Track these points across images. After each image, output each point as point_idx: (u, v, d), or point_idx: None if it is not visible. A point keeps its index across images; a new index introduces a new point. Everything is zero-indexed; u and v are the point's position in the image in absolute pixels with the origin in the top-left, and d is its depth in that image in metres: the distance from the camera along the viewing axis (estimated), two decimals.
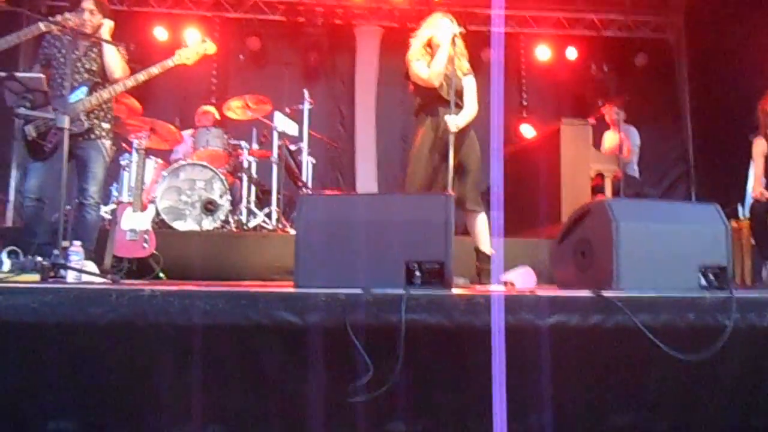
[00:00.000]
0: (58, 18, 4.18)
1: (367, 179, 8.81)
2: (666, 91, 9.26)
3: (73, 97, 4.25)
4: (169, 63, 4.54)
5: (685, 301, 2.57)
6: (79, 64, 4.37)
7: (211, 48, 4.70)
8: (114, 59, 4.45)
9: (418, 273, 2.65)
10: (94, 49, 4.46)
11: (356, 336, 2.26)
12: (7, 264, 3.68)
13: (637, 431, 2.63)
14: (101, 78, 4.47)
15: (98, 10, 4.42)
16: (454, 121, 4.20)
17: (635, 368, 2.59)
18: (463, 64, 4.41)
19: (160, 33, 8.52)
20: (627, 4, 9.18)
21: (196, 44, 4.67)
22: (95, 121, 4.42)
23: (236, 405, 2.41)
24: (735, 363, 2.61)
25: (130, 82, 4.45)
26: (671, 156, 9.20)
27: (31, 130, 4.26)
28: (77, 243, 3.59)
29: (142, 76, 4.46)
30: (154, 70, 4.49)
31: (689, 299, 2.59)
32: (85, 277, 3.40)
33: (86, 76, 4.38)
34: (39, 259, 3.53)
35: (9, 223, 7.66)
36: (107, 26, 4.44)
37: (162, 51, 4.63)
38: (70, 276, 3.33)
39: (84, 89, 4.31)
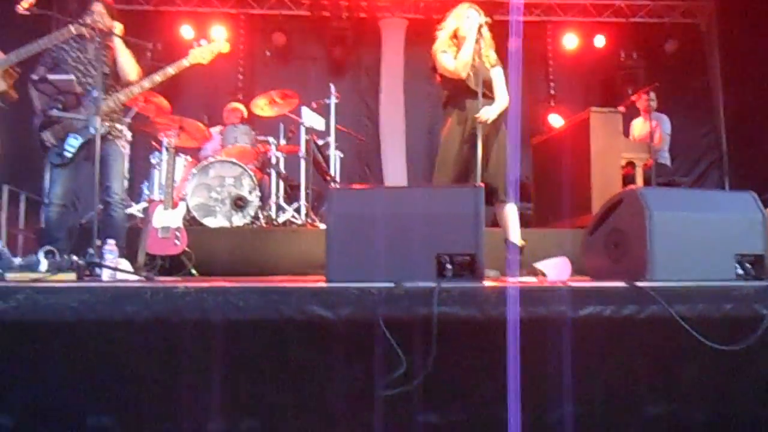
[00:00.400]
0: (87, 20, 4.22)
1: (395, 172, 8.80)
2: (697, 78, 9.11)
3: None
4: (184, 63, 4.56)
5: (722, 291, 2.54)
6: (90, 67, 4.40)
7: (225, 47, 4.72)
8: (128, 61, 4.48)
9: (449, 266, 2.64)
10: (104, 52, 4.47)
11: (389, 330, 2.27)
12: (44, 264, 3.75)
13: (672, 422, 2.60)
14: (114, 80, 4.50)
15: (107, 13, 4.45)
16: (487, 113, 4.18)
17: (670, 359, 2.57)
18: (491, 54, 4.38)
19: (186, 31, 8.59)
20: None
21: (210, 43, 4.68)
22: (111, 122, 4.46)
23: (270, 399, 2.43)
24: None
25: (147, 84, 4.48)
26: (703, 144, 9.06)
27: (49, 137, 4.31)
28: (111, 242, 3.64)
29: (158, 77, 4.49)
30: (170, 70, 4.52)
31: (726, 289, 2.55)
32: (120, 275, 3.45)
33: (99, 80, 4.36)
34: (75, 258, 3.59)
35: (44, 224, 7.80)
36: (118, 29, 4.47)
37: (188, 49, 4.65)
38: (105, 274, 3.38)
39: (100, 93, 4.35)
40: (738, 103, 8.60)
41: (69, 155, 4.28)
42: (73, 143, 4.28)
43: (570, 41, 9.18)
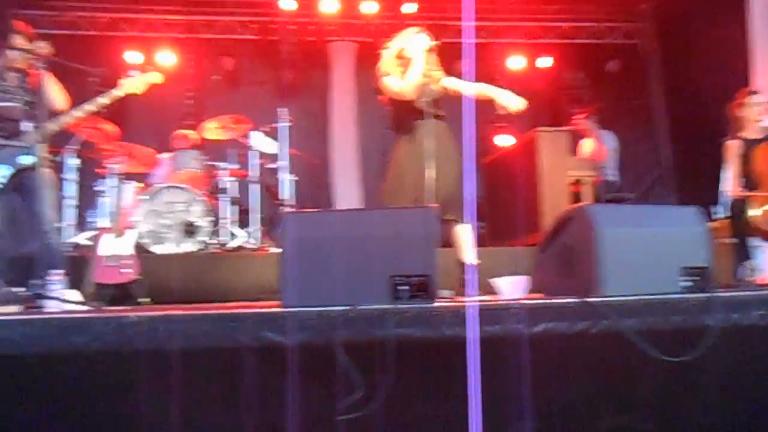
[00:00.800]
0: (34, 47, 4.14)
1: (349, 195, 8.80)
2: (640, 96, 9.37)
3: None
4: (116, 93, 4.45)
5: (669, 304, 2.60)
6: (17, 97, 4.27)
7: (157, 77, 4.63)
8: (54, 90, 4.37)
9: (403, 287, 2.65)
10: (26, 80, 4.35)
11: (346, 353, 2.26)
12: None
13: None
14: (41, 109, 4.39)
15: (28, 42, 4.31)
16: (515, 103, 4.24)
17: (623, 372, 2.61)
18: (438, 73, 4.42)
19: (133, 56, 8.47)
20: (597, 11, 9.31)
21: (143, 74, 4.60)
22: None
23: (227, 428, 2.39)
24: (720, 363, 2.64)
25: (79, 113, 4.35)
26: (647, 160, 9.30)
27: None
28: (57, 272, 3.55)
29: (90, 107, 4.37)
30: (103, 100, 4.41)
31: (673, 301, 2.62)
32: (68, 306, 3.36)
33: (25, 108, 4.25)
34: (17, 290, 3.48)
35: None
36: (46, 50, 4.32)
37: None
38: (52, 306, 3.29)
39: (28, 123, 4.22)
40: (678, 120, 8.87)
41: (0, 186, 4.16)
42: (4, 173, 4.15)
43: (516, 62, 9.36)
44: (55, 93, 4.38)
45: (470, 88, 4.36)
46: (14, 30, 4.35)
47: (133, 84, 4.50)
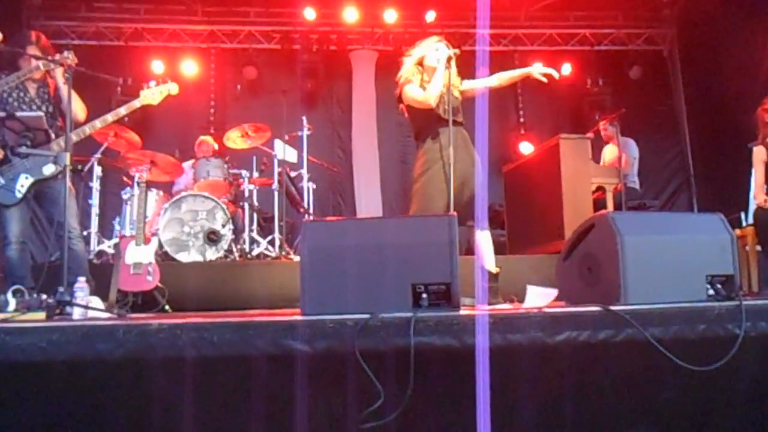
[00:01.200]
0: (57, 57, 4.20)
1: (370, 203, 8.82)
2: (662, 103, 9.31)
3: None
4: (135, 104, 4.58)
5: (694, 312, 2.57)
6: (34, 106, 4.35)
7: (174, 88, 4.71)
8: (72, 101, 4.43)
9: (424, 295, 2.64)
10: (44, 90, 4.44)
11: (366, 361, 2.25)
12: (12, 303, 3.67)
13: None
14: (60, 119, 4.46)
15: (43, 52, 4.37)
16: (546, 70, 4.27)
17: (648, 381, 2.58)
18: (457, 81, 4.42)
19: (157, 66, 8.58)
20: (619, 17, 9.27)
21: (159, 85, 4.67)
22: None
23: None
24: (747, 372, 2.59)
25: (99, 124, 4.44)
26: (671, 167, 9.22)
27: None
28: (82, 279, 3.58)
29: (110, 117, 4.48)
30: (122, 110, 4.53)
31: (698, 309, 2.58)
32: (92, 313, 3.38)
33: (48, 118, 4.32)
34: (44, 297, 3.52)
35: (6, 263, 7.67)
36: (59, 70, 4.37)
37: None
38: (76, 313, 3.32)
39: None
40: (702, 126, 8.79)
41: (19, 195, 4.21)
42: (24, 183, 4.21)
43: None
44: (75, 103, 4.43)
45: (490, 81, 4.38)
46: (30, 41, 4.42)
47: (150, 95, 4.59)
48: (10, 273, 4.26)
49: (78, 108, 4.45)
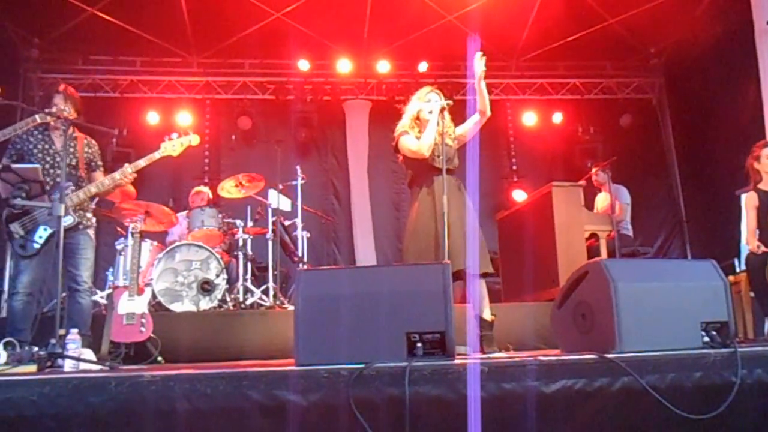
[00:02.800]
0: (53, 110, 4.24)
1: (365, 251, 8.82)
2: (653, 149, 9.43)
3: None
4: (156, 156, 4.64)
5: (690, 359, 2.56)
6: (58, 158, 4.39)
7: (195, 140, 4.80)
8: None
9: (419, 344, 2.63)
10: (72, 143, 4.49)
11: (360, 411, 2.23)
12: (3, 356, 3.63)
13: None
14: (82, 171, 4.51)
15: (70, 104, 4.46)
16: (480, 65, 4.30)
17: (644, 430, 2.55)
18: (451, 129, 4.48)
19: (152, 117, 8.66)
20: (608, 67, 9.45)
21: (180, 137, 4.75)
22: (81, 212, 4.45)
23: None
24: (745, 420, 2.57)
25: (119, 176, 4.49)
26: (663, 213, 9.28)
27: (18, 228, 4.25)
28: (74, 331, 3.55)
29: (130, 170, 4.52)
30: (142, 162, 4.59)
31: (694, 357, 2.58)
32: (83, 365, 3.35)
33: (67, 170, 4.33)
34: (36, 349, 3.49)
35: (4, 314, 7.60)
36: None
37: (154, 134, 4.74)
38: (68, 365, 3.29)
39: (69, 184, 4.33)
40: (693, 172, 8.89)
41: (37, 246, 4.22)
42: (42, 234, 4.23)
43: (529, 118, 9.47)
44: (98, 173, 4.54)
45: (475, 116, 4.43)
46: (57, 90, 4.49)
47: (171, 146, 4.65)
48: (10, 323, 4.23)
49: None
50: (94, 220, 4.61)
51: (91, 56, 8.70)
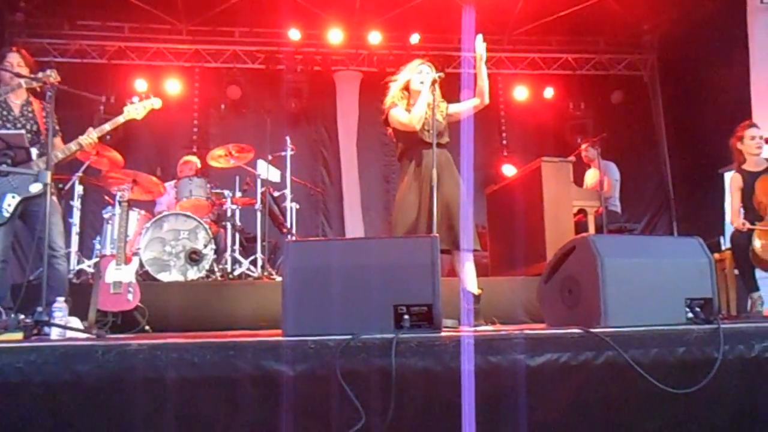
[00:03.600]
0: (40, 75, 4.18)
1: (354, 223, 8.83)
2: (643, 127, 9.43)
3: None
4: (120, 120, 4.59)
5: (674, 335, 2.59)
6: (19, 125, 4.32)
7: (157, 103, 4.73)
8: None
9: (406, 316, 2.64)
10: (30, 108, 4.41)
11: (347, 382, 2.24)
12: None
13: None
14: (44, 136, 4.43)
15: (25, 63, 4.36)
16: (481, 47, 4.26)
17: (627, 404, 2.59)
18: (443, 106, 4.45)
19: (141, 85, 8.55)
20: (601, 43, 9.42)
21: (142, 100, 4.69)
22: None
23: None
24: (726, 395, 2.61)
25: (85, 139, 4.42)
26: (651, 190, 9.32)
27: None
28: (60, 299, 3.55)
29: (96, 133, 4.45)
30: (107, 126, 4.52)
31: (677, 332, 2.61)
32: (70, 334, 3.35)
33: (29, 136, 4.27)
34: (22, 317, 3.48)
35: None
36: (53, 77, 4.34)
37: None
38: (54, 333, 3.28)
39: (33, 151, 4.25)
40: (682, 151, 8.92)
41: (7, 214, 4.17)
42: (10, 202, 4.17)
43: (520, 93, 9.43)
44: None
45: (473, 100, 4.40)
46: (12, 51, 4.40)
47: (134, 110, 4.59)
48: None
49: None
50: (54, 185, 4.53)
51: (78, 21, 8.54)
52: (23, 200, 4.17)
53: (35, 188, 4.09)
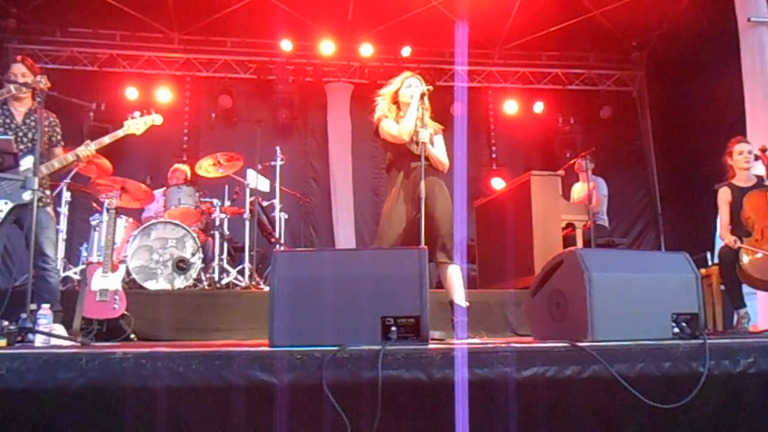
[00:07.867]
0: (29, 81, 4.16)
1: (345, 234, 8.82)
2: (631, 142, 9.51)
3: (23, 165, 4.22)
4: (119, 133, 4.57)
5: (660, 350, 2.60)
6: (21, 133, 4.32)
7: (158, 119, 4.72)
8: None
9: (393, 328, 2.63)
10: (32, 117, 4.39)
11: (333, 394, 2.23)
12: None
13: None
14: (44, 146, 4.42)
15: (30, 74, 4.35)
16: (425, 135, 4.21)
17: (612, 418, 2.59)
18: (432, 123, 4.46)
19: (131, 93, 8.54)
20: (590, 59, 9.50)
21: (143, 115, 4.68)
22: (41, 189, 4.35)
23: None
24: (710, 410, 2.62)
25: (83, 151, 4.41)
26: (639, 205, 9.38)
27: None
28: (46, 306, 3.52)
29: (94, 146, 4.45)
30: (106, 139, 4.52)
31: (663, 347, 2.62)
32: (54, 341, 3.32)
33: (29, 145, 4.27)
34: (5, 323, 3.45)
35: None
36: (43, 83, 4.28)
37: (133, 110, 4.65)
38: (39, 340, 3.26)
39: (30, 158, 4.22)
40: (670, 166, 8.99)
41: None
42: (2, 208, 4.14)
43: (510, 107, 9.48)
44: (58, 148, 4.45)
45: (442, 159, 4.39)
46: (16, 62, 4.40)
47: (135, 125, 4.58)
48: None
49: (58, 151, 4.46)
50: (51, 197, 4.53)
51: (70, 28, 8.54)
52: (17, 207, 4.14)
53: (28, 196, 4.07)
